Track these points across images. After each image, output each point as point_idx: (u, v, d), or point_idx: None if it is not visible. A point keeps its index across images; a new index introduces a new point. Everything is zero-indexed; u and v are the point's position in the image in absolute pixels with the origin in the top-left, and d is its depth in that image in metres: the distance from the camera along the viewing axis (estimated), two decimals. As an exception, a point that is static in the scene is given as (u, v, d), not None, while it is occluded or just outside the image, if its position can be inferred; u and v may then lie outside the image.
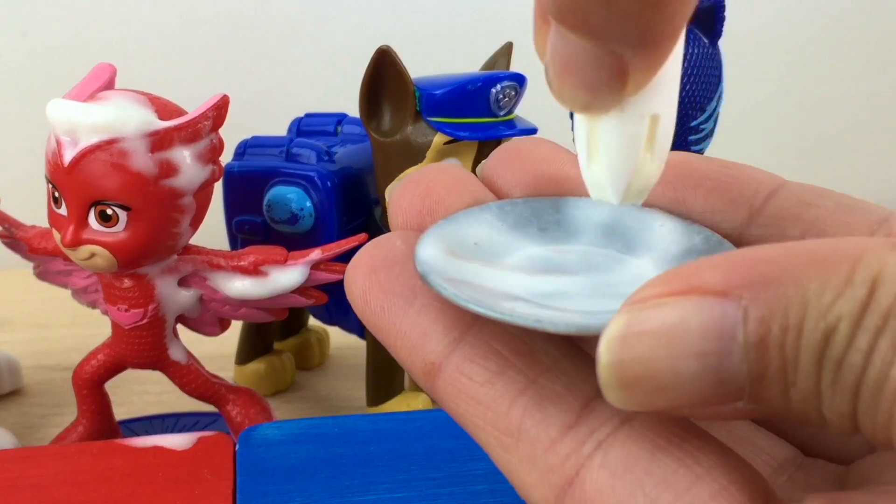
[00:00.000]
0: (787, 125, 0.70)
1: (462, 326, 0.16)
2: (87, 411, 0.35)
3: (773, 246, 0.13)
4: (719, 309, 0.12)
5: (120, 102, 0.30)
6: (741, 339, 0.12)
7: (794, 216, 0.17)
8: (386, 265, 0.17)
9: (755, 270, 0.12)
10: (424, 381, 0.16)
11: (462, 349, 0.15)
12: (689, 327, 0.12)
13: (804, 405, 0.12)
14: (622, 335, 0.13)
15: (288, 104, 0.47)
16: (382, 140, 0.35)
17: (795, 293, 0.12)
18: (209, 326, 0.36)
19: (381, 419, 0.30)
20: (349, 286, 0.17)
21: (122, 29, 0.61)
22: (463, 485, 0.26)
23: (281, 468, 0.27)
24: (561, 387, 0.15)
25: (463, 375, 0.15)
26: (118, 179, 0.29)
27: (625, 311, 0.13)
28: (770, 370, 0.12)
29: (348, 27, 0.63)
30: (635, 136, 0.16)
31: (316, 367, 0.46)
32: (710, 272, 0.13)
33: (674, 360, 0.12)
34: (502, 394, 0.15)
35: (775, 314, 0.12)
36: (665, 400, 0.13)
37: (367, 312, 0.17)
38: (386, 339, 0.16)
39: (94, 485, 0.27)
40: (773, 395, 0.12)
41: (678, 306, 0.12)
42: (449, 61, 0.41)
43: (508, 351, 0.15)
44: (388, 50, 0.33)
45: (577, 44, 0.14)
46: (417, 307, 0.16)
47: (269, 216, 0.38)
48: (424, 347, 0.16)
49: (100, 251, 0.30)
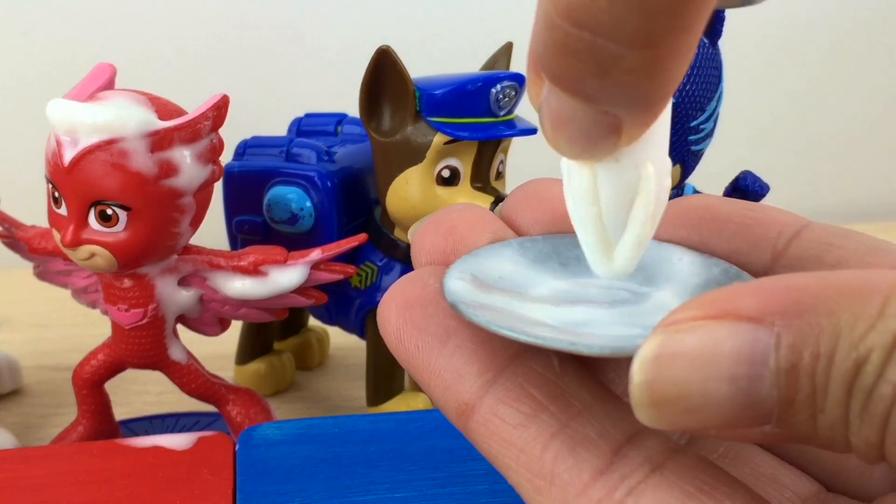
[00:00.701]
0: (787, 125, 0.70)
1: (495, 367, 0.16)
2: (87, 411, 0.35)
3: (806, 274, 0.13)
4: (752, 334, 0.13)
5: (120, 102, 0.30)
6: (773, 364, 0.12)
7: (817, 258, 0.17)
8: (420, 303, 0.17)
9: (788, 298, 0.13)
10: (457, 420, 0.16)
11: (495, 391, 0.16)
12: (722, 351, 0.13)
13: (831, 432, 0.12)
14: (656, 356, 0.13)
15: (288, 104, 0.47)
16: (382, 140, 0.35)
17: (828, 322, 0.12)
18: (209, 326, 0.36)
19: (381, 419, 0.30)
20: (383, 323, 0.17)
21: (122, 29, 0.61)
22: (463, 485, 0.26)
23: (281, 468, 0.27)
24: (593, 431, 0.15)
25: (496, 417, 0.15)
26: (118, 179, 0.29)
27: (659, 333, 0.13)
28: (799, 396, 0.12)
29: (348, 27, 0.63)
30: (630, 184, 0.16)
31: (316, 367, 0.46)
32: (744, 298, 0.13)
33: (705, 382, 0.13)
34: (535, 437, 0.15)
35: (807, 342, 0.12)
36: (694, 420, 0.13)
37: (400, 350, 0.17)
38: (419, 378, 0.17)
39: (94, 485, 0.27)
40: (800, 421, 0.13)
41: (712, 330, 0.13)
42: (449, 61, 0.41)
43: (541, 394, 0.15)
44: (388, 50, 0.33)
45: (571, 103, 0.14)
46: (451, 347, 0.16)
47: (269, 216, 0.38)
48: (458, 388, 0.16)
49: (100, 251, 0.30)
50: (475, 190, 0.34)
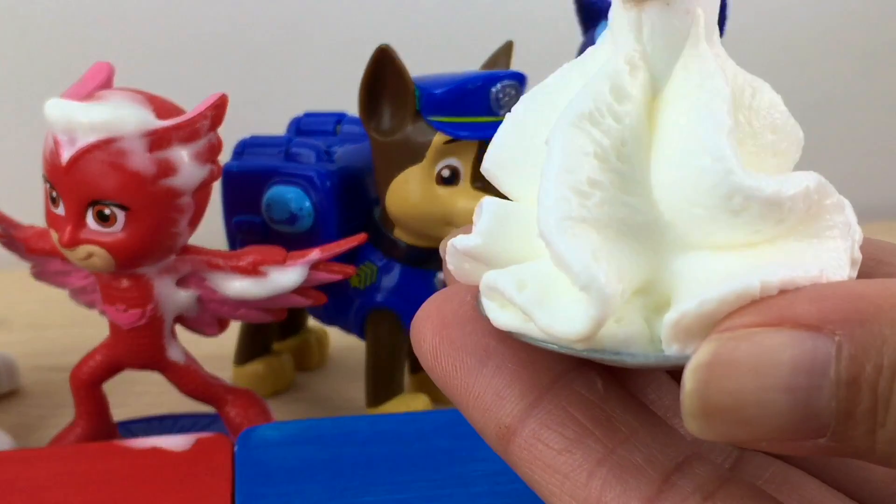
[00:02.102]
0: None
1: (538, 390, 0.15)
2: (85, 412, 0.35)
3: (867, 282, 0.13)
4: (811, 343, 0.12)
5: (118, 101, 0.29)
6: (833, 375, 0.12)
7: (866, 274, 0.16)
8: (458, 322, 0.16)
9: (850, 306, 0.12)
10: (497, 443, 0.16)
11: (538, 414, 0.15)
12: (780, 360, 0.12)
13: (891, 447, 0.12)
14: (709, 363, 0.12)
15: (287, 103, 0.47)
16: (382, 139, 0.35)
17: (892, 333, 0.12)
18: (208, 327, 0.36)
19: (381, 420, 0.30)
20: (417, 341, 0.17)
21: (120, 28, 0.61)
22: (463, 486, 0.26)
23: (280, 469, 0.27)
24: (641, 458, 0.15)
25: (539, 442, 0.15)
26: (116, 179, 0.29)
27: (713, 339, 0.13)
28: (860, 409, 0.12)
29: (348, 26, 0.63)
30: (681, 28, 0.15)
31: (315, 367, 0.46)
32: (803, 305, 0.12)
33: (761, 392, 0.12)
34: (581, 464, 0.15)
35: (870, 353, 0.12)
36: (747, 432, 0.13)
37: (436, 369, 0.16)
38: (456, 399, 0.16)
39: (92, 486, 0.27)
40: (858, 435, 0.12)
41: (769, 337, 0.12)
42: (449, 60, 0.41)
43: (586, 418, 0.15)
44: (387, 49, 0.33)
45: None
46: (492, 368, 0.16)
47: (267, 216, 0.37)
48: (499, 410, 0.15)
49: (98, 251, 0.30)
50: (475, 189, 0.34)
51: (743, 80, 0.16)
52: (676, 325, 0.13)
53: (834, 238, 0.14)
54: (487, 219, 0.16)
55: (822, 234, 0.14)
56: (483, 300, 0.15)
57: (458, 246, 0.16)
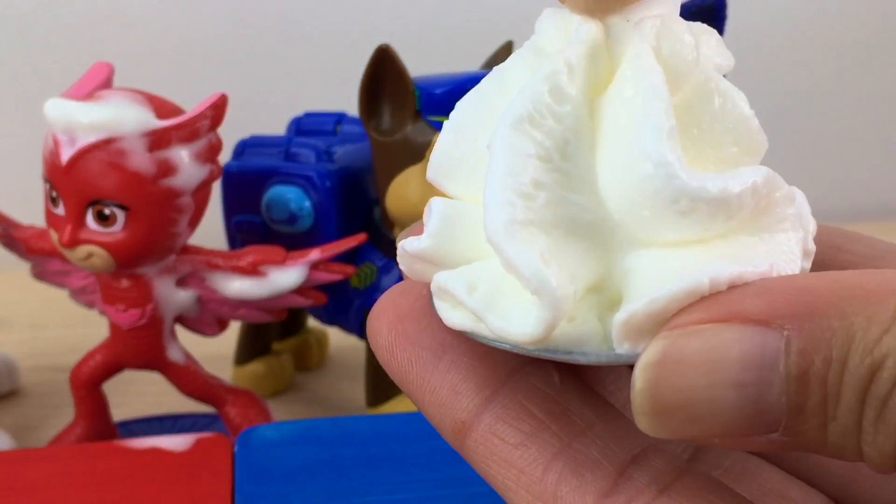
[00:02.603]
0: (787, 125, 0.70)
1: (493, 384, 0.15)
2: (85, 412, 0.35)
3: (816, 275, 0.13)
4: (760, 338, 0.12)
5: (118, 101, 0.29)
6: (782, 370, 0.12)
7: (824, 262, 0.16)
8: (413, 316, 0.16)
9: (799, 300, 0.12)
10: (453, 438, 0.15)
11: (494, 408, 0.15)
12: (729, 356, 0.12)
13: (842, 440, 0.12)
14: (659, 361, 0.12)
15: (287, 103, 0.47)
16: (382, 139, 0.35)
17: (840, 326, 0.12)
18: (207, 327, 0.36)
19: (381, 420, 0.30)
20: (373, 335, 0.16)
21: (120, 27, 0.61)
22: (463, 486, 0.26)
23: (280, 469, 0.27)
24: (597, 452, 0.14)
25: (495, 436, 0.15)
26: (116, 179, 0.29)
27: (662, 337, 0.13)
28: (810, 403, 0.12)
29: (348, 26, 0.63)
30: (627, 35, 0.15)
31: (315, 367, 0.46)
32: (751, 300, 0.12)
33: (711, 389, 0.12)
34: (536, 457, 0.14)
35: (819, 346, 0.12)
36: (699, 429, 0.12)
37: (392, 364, 0.16)
38: (412, 394, 0.16)
39: (92, 486, 0.27)
40: (810, 429, 0.12)
41: (718, 333, 0.12)
42: (449, 60, 0.41)
43: (542, 411, 0.15)
44: (387, 49, 0.33)
45: None
46: (447, 362, 0.16)
47: (267, 216, 0.37)
48: (454, 405, 0.15)
49: (97, 251, 0.30)
50: (475, 189, 0.34)
51: (714, 87, 0.15)
52: (626, 325, 0.13)
53: (785, 231, 0.14)
54: (437, 220, 0.15)
55: (774, 228, 0.14)
56: (435, 300, 0.15)
57: (408, 249, 0.15)
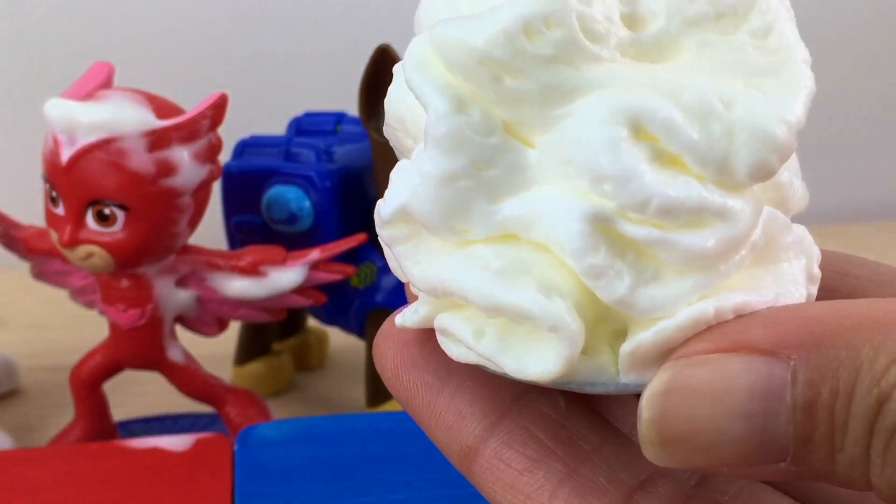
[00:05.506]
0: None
1: (500, 409, 0.15)
2: (85, 412, 0.35)
3: (822, 304, 0.12)
4: (767, 368, 0.12)
5: (118, 101, 0.29)
6: (789, 400, 0.12)
7: (831, 288, 0.16)
8: (418, 339, 0.16)
9: (805, 329, 0.12)
10: (460, 463, 0.15)
11: (500, 434, 0.15)
12: (736, 386, 0.12)
13: (850, 470, 0.12)
14: (665, 390, 0.12)
15: (287, 103, 0.47)
16: (382, 139, 0.35)
17: (847, 356, 0.12)
18: (207, 327, 0.35)
19: (381, 419, 0.30)
20: (379, 358, 0.16)
21: (120, 27, 0.61)
22: (462, 486, 0.26)
23: (279, 469, 0.27)
24: (603, 478, 0.14)
25: (501, 462, 0.15)
26: (116, 179, 0.29)
27: (669, 367, 0.13)
28: (817, 434, 0.12)
29: (348, 26, 0.63)
30: None
31: (315, 367, 0.46)
32: (758, 329, 0.12)
33: (718, 419, 0.12)
34: (542, 484, 0.14)
35: (826, 377, 0.12)
36: (706, 459, 0.12)
37: (398, 388, 0.16)
38: (419, 418, 0.16)
39: (92, 486, 0.27)
40: (818, 459, 0.12)
41: (724, 364, 0.12)
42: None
43: (548, 437, 0.15)
44: (387, 48, 0.33)
45: None
46: (453, 387, 0.16)
47: (267, 216, 0.37)
48: (461, 430, 0.15)
49: (97, 251, 0.30)
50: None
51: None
52: (633, 355, 0.13)
53: (789, 259, 0.14)
54: None
55: (778, 256, 0.14)
56: (438, 336, 0.15)
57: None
